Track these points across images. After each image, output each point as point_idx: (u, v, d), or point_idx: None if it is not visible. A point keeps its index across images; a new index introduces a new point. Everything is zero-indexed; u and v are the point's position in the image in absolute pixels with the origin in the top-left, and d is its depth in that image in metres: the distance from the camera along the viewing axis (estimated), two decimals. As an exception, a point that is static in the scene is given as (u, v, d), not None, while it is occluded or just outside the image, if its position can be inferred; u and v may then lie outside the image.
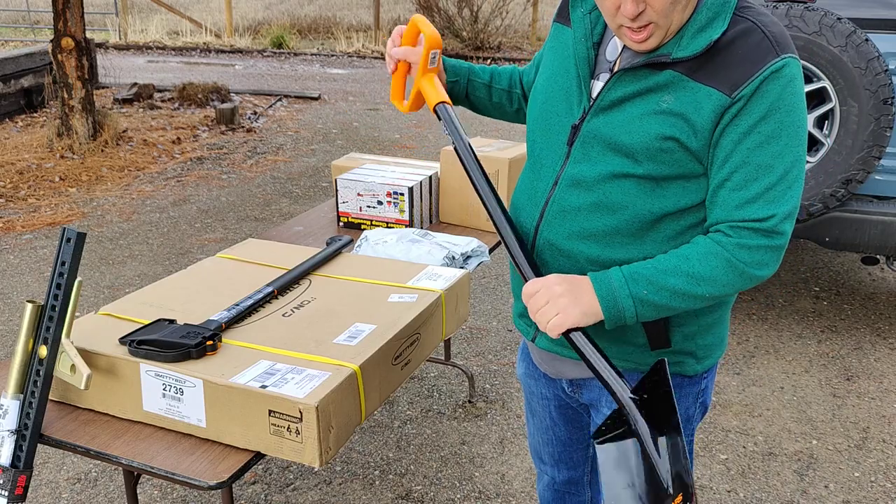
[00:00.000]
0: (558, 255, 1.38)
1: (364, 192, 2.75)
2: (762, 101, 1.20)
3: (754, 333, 3.74)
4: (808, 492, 2.64)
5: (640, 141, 1.26)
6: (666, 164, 1.26)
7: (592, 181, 1.32)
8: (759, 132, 1.21)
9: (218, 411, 1.53)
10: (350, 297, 1.93)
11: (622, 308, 1.26)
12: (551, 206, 1.37)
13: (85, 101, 6.38)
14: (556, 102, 1.39)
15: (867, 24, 3.24)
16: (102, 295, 4.05)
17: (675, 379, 1.44)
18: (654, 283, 1.25)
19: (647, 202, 1.30)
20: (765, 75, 1.19)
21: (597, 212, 1.32)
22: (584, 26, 1.35)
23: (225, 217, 5.28)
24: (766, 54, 1.20)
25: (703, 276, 1.24)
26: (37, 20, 14.44)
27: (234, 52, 12.90)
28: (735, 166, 1.23)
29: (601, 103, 1.31)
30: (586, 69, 1.34)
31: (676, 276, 1.24)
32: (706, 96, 1.22)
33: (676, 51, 1.24)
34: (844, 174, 3.18)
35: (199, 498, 2.55)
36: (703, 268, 1.24)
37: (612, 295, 1.26)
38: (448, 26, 12.90)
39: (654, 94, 1.26)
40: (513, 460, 2.77)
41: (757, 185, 1.22)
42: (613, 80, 1.29)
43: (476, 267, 2.41)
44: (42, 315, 1.58)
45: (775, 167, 1.22)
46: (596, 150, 1.31)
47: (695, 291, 1.25)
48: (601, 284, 1.27)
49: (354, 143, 7.27)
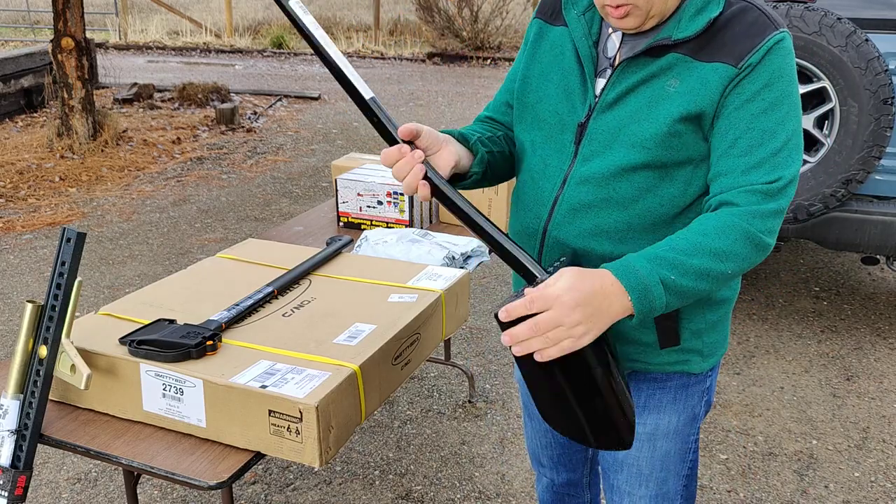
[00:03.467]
0: (569, 253, 1.36)
1: (364, 192, 2.75)
2: (765, 70, 1.23)
3: (754, 333, 3.74)
4: (808, 492, 2.64)
5: (651, 128, 1.26)
6: (676, 149, 1.27)
7: (603, 177, 1.31)
8: (763, 99, 1.23)
9: (218, 411, 1.53)
10: (350, 297, 1.93)
11: (653, 298, 1.15)
12: (560, 206, 1.35)
13: (85, 101, 6.38)
14: (553, 102, 1.37)
15: (867, 24, 3.24)
16: (102, 295, 4.05)
17: (681, 378, 1.44)
18: (677, 266, 1.16)
19: (658, 193, 1.30)
20: (769, 45, 1.22)
21: (609, 208, 1.31)
22: (582, 26, 1.36)
23: (225, 217, 5.28)
24: (766, 27, 1.24)
25: (725, 252, 1.19)
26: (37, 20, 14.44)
27: (234, 52, 12.90)
28: (740, 132, 1.24)
29: (607, 98, 1.31)
30: (591, 67, 1.34)
31: (699, 256, 1.18)
32: (712, 71, 1.24)
33: (676, 32, 1.25)
34: (844, 174, 3.18)
35: (199, 498, 2.55)
36: (723, 242, 1.19)
37: (643, 284, 1.14)
38: (448, 26, 12.90)
39: (657, 79, 1.27)
40: (513, 460, 2.77)
41: (762, 150, 1.23)
42: (616, 73, 1.29)
43: (476, 267, 2.41)
44: (42, 315, 1.58)
45: (778, 133, 1.24)
46: (605, 146, 1.31)
47: (719, 269, 1.19)
48: (627, 275, 1.14)
49: (354, 143, 7.27)
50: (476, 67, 11.96)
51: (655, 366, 1.42)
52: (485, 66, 12.04)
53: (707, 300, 1.37)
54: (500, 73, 11.35)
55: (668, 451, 1.48)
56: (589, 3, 1.36)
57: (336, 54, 1.28)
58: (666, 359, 1.41)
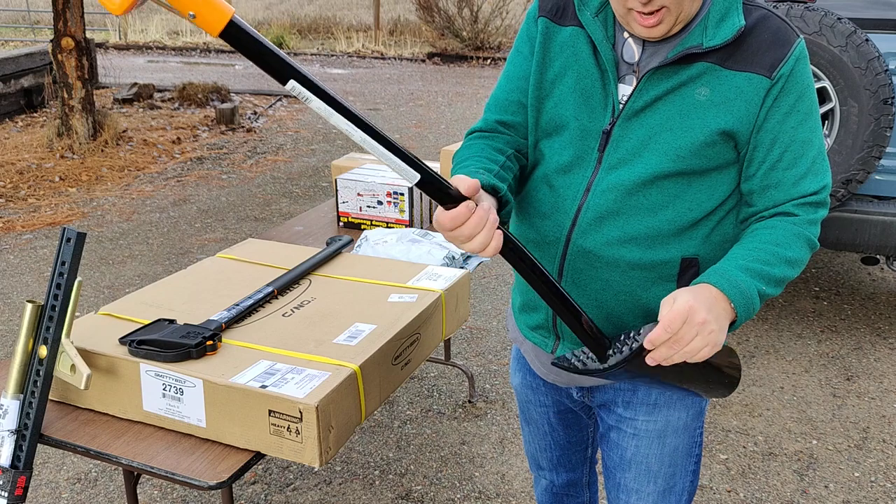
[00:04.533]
0: (595, 262, 1.33)
1: (364, 192, 2.75)
2: (797, 81, 1.25)
3: (754, 333, 3.74)
4: (808, 492, 2.64)
5: (687, 138, 1.25)
6: (708, 157, 1.27)
7: (634, 185, 1.29)
8: (799, 110, 1.26)
9: (218, 411, 1.53)
10: (350, 297, 1.93)
11: (752, 309, 1.22)
12: (585, 214, 1.32)
13: (85, 101, 6.38)
14: (572, 107, 1.33)
15: (867, 24, 3.24)
16: (102, 295, 4.05)
17: None
18: (764, 276, 1.23)
19: (687, 198, 1.29)
20: (796, 55, 1.25)
21: (637, 214, 1.30)
22: (599, 28, 1.30)
23: (225, 217, 5.28)
24: (790, 35, 1.25)
25: (796, 259, 1.27)
26: (37, 20, 14.44)
27: (234, 51, 12.89)
28: (785, 146, 1.27)
29: (634, 105, 1.28)
30: (615, 71, 1.29)
31: (779, 265, 1.25)
32: (746, 81, 1.24)
33: (706, 40, 1.23)
34: (844, 174, 3.18)
35: (199, 498, 2.55)
36: (794, 251, 1.26)
37: (746, 296, 1.21)
38: (448, 26, 12.91)
39: (686, 87, 1.25)
40: (513, 460, 2.77)
41: (805, 160, 1.28)
42: (644, 81, 1.26)
43: (476, 267, 2.41)
44: (42, 315, 1.58)
45: (814, 142, 1.29)
46: (634, 154, 1.28)
47: (791, 275, 1.27)
48: (731, 288, 1.20)
49: (354, 144, 7.24)
50: (476, 67, 11.96)
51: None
52: (485, 66, 12.04)
53: None
54: (499, 73, 11.33)
55: (676, 447, 1.48)
56: (600, 5, 1.31)
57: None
58: None
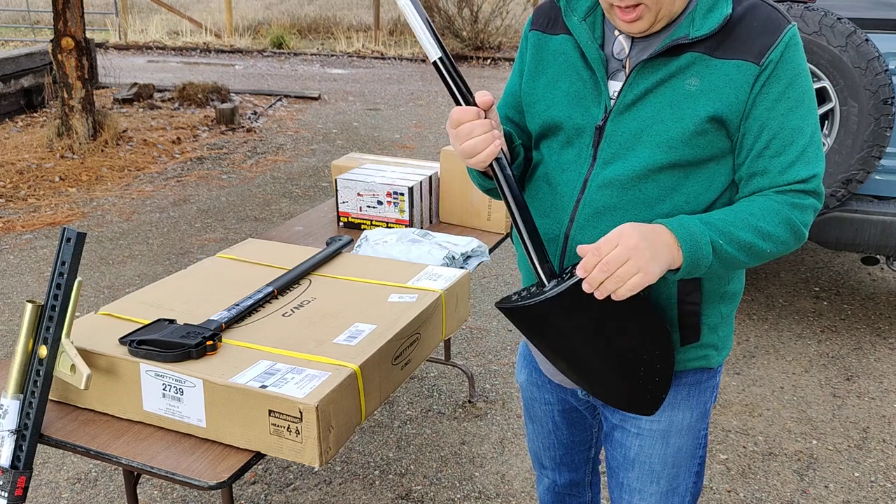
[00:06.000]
0: None
1: (364, 192, 2.75)
2: (787, 68, 1.25)
3: (754, 333, 3.74)
4: (808, 492, 2.64)
5: (678, 128, 1.26)
6: (702, 147, 1.27)
7: (628, 179, 1.30)
8: (789, 97, 1.26)
9: (218, 411, 1.53)
10: (350, 297, 1.93)
11: (702, 256, 1.21)
12: (582, 210, 1.34)
13: (85, 101, 6.38)
14: (564, 108, 1.36)
15: (867, 24, 3.24)
16: (102, 295, 4.05)
17: (695, 374, 1.46)
18: (725, 233, 1.23)
19: (684, 191, 1.30)
20: (786, 41, 1.25)
21: (635, 208, 1.31)
22: (585, 30, 1.35)
23: (225, 217, 5.28)
24: (780, 22, 1.26)
25: (769, 233, 1.26)
26: (37, 20, 14.44)
27: (234, 52, 12.90)
28: (773, 133, 1.26)
29: (624, 100, 1.30)
30: (603, 70, 1.33)
31: (745, 230, 1.24)
32: (734, 69, 1.24)
33: (693, 31, 1.25)
34: (844, 174, 3.18)
35: (199, 498, 2.55)
36: (768, 223, 1.25)
37: (694, 239, 1.20)
38: (448, 26, 12.90)
39: (676, 78, 1.27)
40: (513, 460, 2.77)
41: (794, 148, 1.27)
42: (634, 75, 1.29)
43: (476, 267, 2.41)
44: (42, 315, 1.58)
45: (805, 129, 1.28)
46: (627, 148, 1.30)
47: (761, 247, 1.26)
48: (681, 229, 1.21)
49: (354, 143, 7.27)
50: (476, 67, 11.96)
51: (679, 364, 1.42)
52: (485, 66, 12.04)
53: (721, 293, 1.39)
54: (500, 73, 11.35)
55: (680, 447, 1.48)
56: (588, 9, 1.36)
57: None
58: (685, 356, 1.42)
